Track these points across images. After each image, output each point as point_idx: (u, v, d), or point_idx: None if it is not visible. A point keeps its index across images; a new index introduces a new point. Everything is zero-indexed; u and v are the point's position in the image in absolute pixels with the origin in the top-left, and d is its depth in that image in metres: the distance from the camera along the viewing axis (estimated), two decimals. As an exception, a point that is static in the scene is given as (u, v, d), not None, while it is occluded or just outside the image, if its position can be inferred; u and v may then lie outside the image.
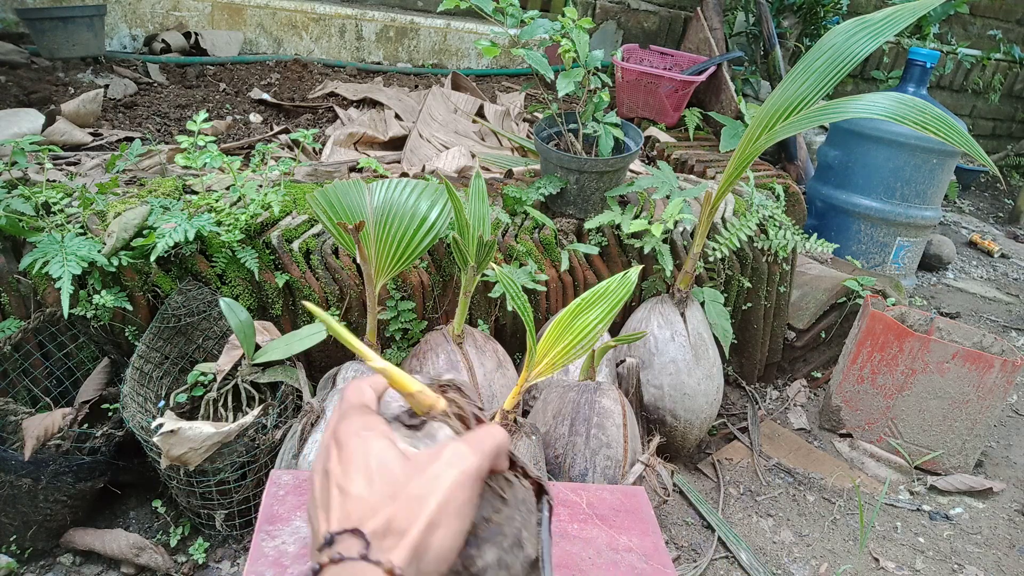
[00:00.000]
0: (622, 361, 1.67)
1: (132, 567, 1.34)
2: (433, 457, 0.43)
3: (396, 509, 0.40)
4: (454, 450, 0.44)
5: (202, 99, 2.27)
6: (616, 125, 1.73)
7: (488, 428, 0.47)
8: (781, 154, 3.03)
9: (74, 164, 1.69)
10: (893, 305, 2.10)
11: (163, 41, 2.54)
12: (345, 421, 0.46)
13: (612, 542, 0.86)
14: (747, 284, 1.99)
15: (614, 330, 1.84)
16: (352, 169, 1.84)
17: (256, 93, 2.37)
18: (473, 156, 2.06)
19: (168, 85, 2.34)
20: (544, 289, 1.68)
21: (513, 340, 1.80)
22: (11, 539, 1.33)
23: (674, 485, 1.62)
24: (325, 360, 1.58)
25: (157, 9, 2.59)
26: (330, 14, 2.83)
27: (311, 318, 1.52)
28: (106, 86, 2.17)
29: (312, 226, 1.56)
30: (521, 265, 1.66)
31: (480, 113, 2.46)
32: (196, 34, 2.60)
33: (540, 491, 0.53)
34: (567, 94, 1.59)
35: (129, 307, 1.34)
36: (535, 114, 2.60)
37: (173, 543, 1.40)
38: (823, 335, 2.26)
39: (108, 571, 1.36)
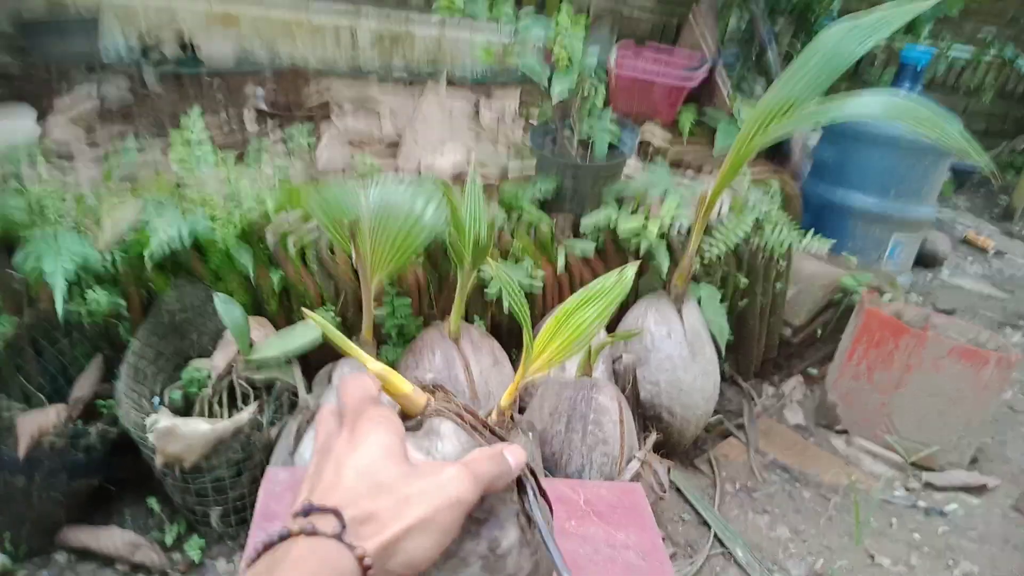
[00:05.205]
0: (619, 358, 1.67)
1: (127, 565, 1.34)
2: (435, 471, 0.43)
3: (382, 504, 0.40)
4: (457, 475, 0.43)
5: (198, 107, 2.27)
6: (611, 126, 1.74)
7: (501, 455, 0.46)
8: (776, 152, 3.03)
9: (69, 163, 1.68)
10: (889, 302, 2.11)
11: (159, 49, 2.54)
12: (367, 413, 0.46)
13: (609, 539, 0.86)
14: (743, 281, 2.00)
15: (611, 327, 1.84)
16: (347, 171, 1.84)
17: (252, 101, 2.37)
18: (469, 158, 2.06)
19: (163, 93, 2.33)
20: (540, 286, 1.68)
21: (509, 337, 1.79)
22: (6, 537, 1.33)
23: (670, 482, 1.62)
24: (320, 357, 1.58)
25: (153, 17, 2.58)
26: (325, 22, 2.83)
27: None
28: (102, 95, 2.17)
29: (307, 224, 1.56)
30: (517, 262, 1.66)
31: (475, 115, 2.46)
32: (192, 42, 2.59)
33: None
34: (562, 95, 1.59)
35: (123, 304, 1.33)
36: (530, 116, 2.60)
37: (168, 541, 1.40)
38: (819, 332, 2.27)
39: (103, 569, 1.35)
